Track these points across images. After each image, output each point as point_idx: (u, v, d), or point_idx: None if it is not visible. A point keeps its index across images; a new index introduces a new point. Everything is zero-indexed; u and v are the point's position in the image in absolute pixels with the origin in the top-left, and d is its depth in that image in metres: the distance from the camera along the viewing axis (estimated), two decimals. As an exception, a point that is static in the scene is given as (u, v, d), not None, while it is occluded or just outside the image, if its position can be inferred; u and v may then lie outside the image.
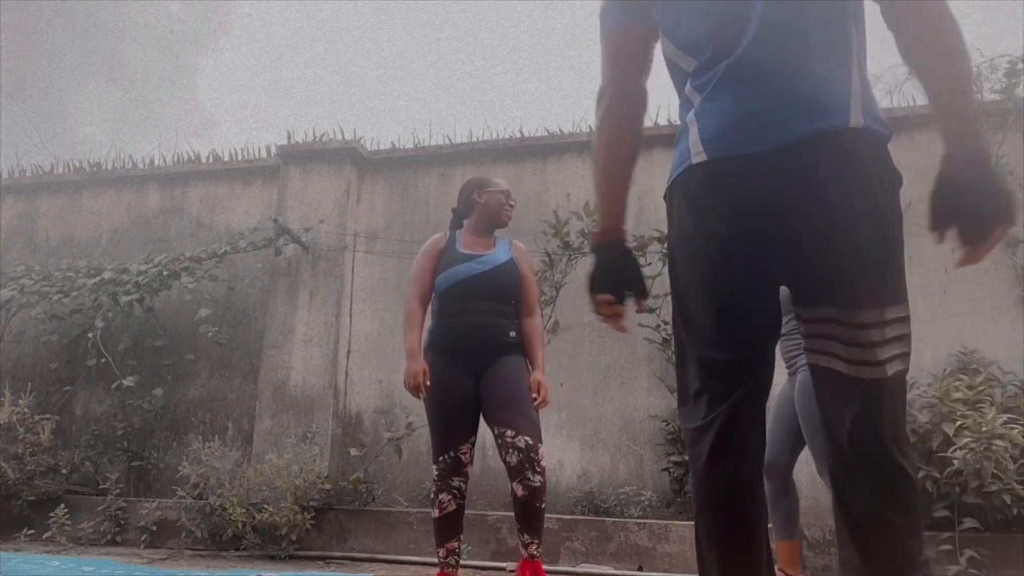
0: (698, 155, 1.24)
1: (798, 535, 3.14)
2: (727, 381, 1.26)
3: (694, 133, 1.26)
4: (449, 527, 2.73)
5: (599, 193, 1.44)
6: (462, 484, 2.73)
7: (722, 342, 1.26)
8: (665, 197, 1.37)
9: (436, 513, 2.73)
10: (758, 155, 1.18)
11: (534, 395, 2.71)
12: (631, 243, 1.43)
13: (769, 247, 1.20)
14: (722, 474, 1.24)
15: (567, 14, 35.24)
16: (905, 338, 1.18)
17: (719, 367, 1.26)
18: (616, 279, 1.41)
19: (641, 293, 1.42)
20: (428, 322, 2.89)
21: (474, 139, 5.48)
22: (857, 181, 1.14)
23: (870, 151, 1.17)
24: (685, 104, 1.33)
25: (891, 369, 1.15)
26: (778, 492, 3.03)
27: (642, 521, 4.02)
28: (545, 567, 3.87)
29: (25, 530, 4.58)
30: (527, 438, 2.61)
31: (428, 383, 2.71)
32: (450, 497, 2.70)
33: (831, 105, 1.17)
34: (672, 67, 1.39)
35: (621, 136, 1.41)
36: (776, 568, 2.92)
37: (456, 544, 2.76)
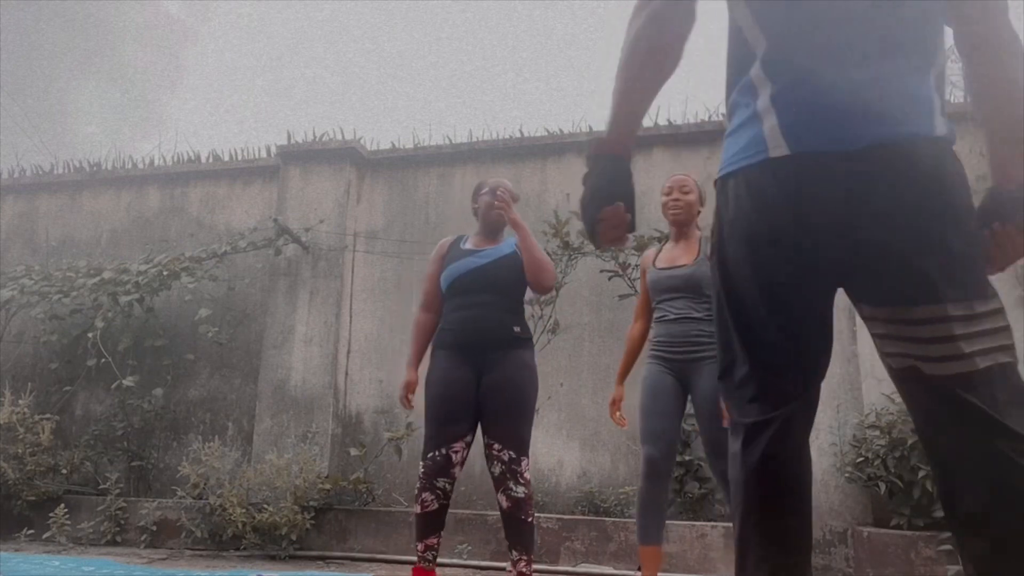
0: (777, 148, 1.19)
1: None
2: (785, 382, 1.24)
3: (771, 122, 1.20)
4: (429, 524, 2.70)
5: (615, 103, 1.31)
6: (447, 485, 2.69)
7: (780, 343, 1.23)
8: (718, 185, 1.30)
9: (418, 509, 2.71)
10: (845, 153, 1.15)
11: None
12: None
13: (847, 245, 1.17)
14: (774, 475, 1.22)
15: (567, 14, 35.26)
16: (1000, 331, 1.14)
17: (777, 368, 1.24)
18: (613, 195, 1.30)
19: (632, 213, 1.31)
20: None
21: (474, 139, 5.47)
22: (944, 187, 1.14)
23: (950, 157, 1.17)
24: (747, 89, 1.26)
25: (984, 361, 1.10)
26: (663, 492, 2.81)
27: (642, 521, 4.01)
28: (545, 567, 3.88)
29: (25, 530, 4.58)
30: (511, 452, 2.66)
31: (411, 397, 2.86)
32: (433, 497, 2.67)
33: (920, 110, 1.16)
34: (735, 37, 1.30)
35: (661, 40, 1.30)
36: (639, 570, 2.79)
37: (435, 541, 2.72)
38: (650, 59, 1.31)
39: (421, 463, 2.72)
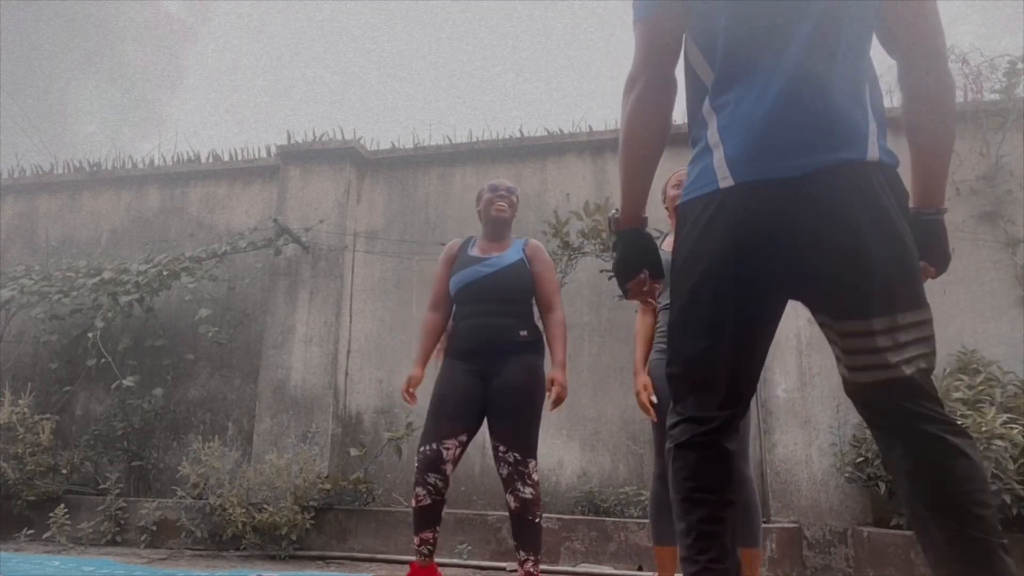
0: (724, 179, 1.30)
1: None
2: (721, 391, 1.34)
3: (719, 155, 1.31)
4: (423, 518, 2.72)
5: (624, 179, 1.46)
6: (438, 482, 2.69)
7: (724, 357, 1.33)
8: (679, 209, 1.41)
9: (413, 503, 2.75)
10: (784, 181, 1.25)
11: (548, 393, 2.72)
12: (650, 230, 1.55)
13: (786, 266, 1.28)
14: (693, 466, 1.36)
15: (567, 14, 35.24)
16: (925, 340, 1.26)
17: (719, 379, 1.34)
18: (640, 264, 1.49)
19: (660, 275, 1.51)
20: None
21: (474, 139, 5.48)
22: (873, 209, 1.24)
23: (886, 181, 1.26)
24: (701, 122, 1.38)
25: (909, 369, 1.23)
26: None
27: (642, 521, 4.02)
28: (545, 567, 3.87)
29: (25, 530, 4.58)
30: (516, 454, 2.69)
31: (412, 391, 2.87)
32: (425, 492, 2.70)
33: (852, 136, 1.25)
34: (690, 77, 1.42)
35: (650, 124, 1.43)
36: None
37: (430, 535, 2.74)
38: (645, 132, 1.43)
39: (416, 457, 2.78)
